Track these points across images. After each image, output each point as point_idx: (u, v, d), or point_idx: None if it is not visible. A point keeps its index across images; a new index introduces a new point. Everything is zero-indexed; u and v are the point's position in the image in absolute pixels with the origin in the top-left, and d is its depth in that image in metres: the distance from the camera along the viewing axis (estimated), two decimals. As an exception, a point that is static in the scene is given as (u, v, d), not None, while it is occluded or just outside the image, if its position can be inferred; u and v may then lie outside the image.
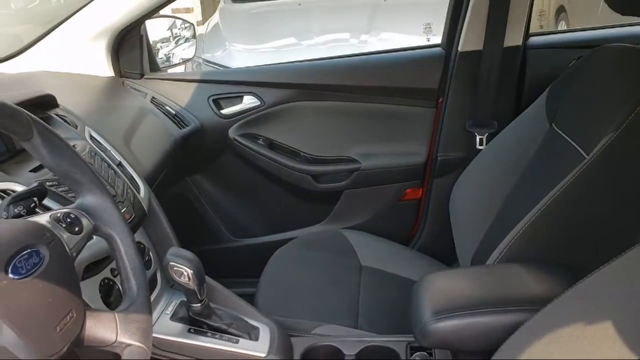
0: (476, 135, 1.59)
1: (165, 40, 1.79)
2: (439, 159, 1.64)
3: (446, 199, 1.46)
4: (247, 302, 1.18)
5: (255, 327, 1.12)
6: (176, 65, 1.88)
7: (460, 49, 1.57)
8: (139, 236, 1.11)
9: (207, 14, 6.07)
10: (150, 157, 1.29)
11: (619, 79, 1.05)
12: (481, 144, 1.58)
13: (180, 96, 1.66)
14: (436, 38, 2.70)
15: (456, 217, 1.38)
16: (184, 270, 0.94)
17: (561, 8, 5.18)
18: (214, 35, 3.43)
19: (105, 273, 0.94)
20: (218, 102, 1.68)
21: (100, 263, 0.92)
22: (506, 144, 1.32)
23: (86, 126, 1.13)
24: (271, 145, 1.71)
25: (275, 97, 1.67)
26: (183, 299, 1.08)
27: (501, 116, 1.55)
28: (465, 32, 1.55)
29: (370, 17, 3.20)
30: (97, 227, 0.76)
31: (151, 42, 1.70)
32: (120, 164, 1.12)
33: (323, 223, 1.76)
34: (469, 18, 1.53)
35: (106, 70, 1.53)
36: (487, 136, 1.58)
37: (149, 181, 1.18)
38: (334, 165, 1.70)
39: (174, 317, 1.08)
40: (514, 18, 1.51)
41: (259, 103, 1.67)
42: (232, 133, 1.67)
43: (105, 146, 1.13)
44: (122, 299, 0.78)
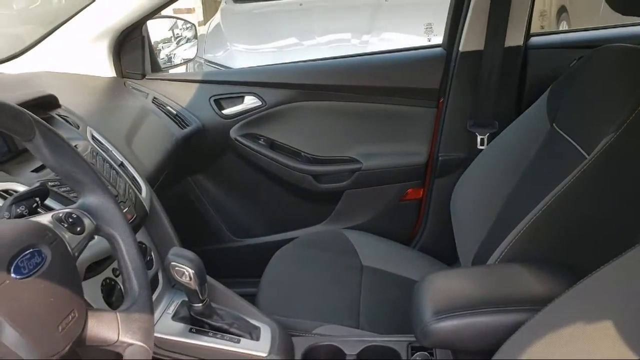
0: (477, 135, 1.59)
1: (167, 40, 1.79)
2: (440, 159, 1.64)
3: (447, 199, 1.46)
4: (248, 302, 1.18)
5: (257, 326, 1.12)
6: (178, 66, 1.88)
7: (461, 49, 1.57)
8: (140, 236, 1.11)
9: (208, 14, 6.07)
10: (151, 157, 1.29)
11: (620, 79, 1.05)
12: (482, 144, 1.58)
13: (181, 96, 1.66)
14: (437, 38, 2.70)
15: (457, 217, 1.38)
16: (185, 270, 0.95)
17: (562, 8, 5.15)
18: (215, 35, 3.43)
19: (107, 273, 0.95)
20: (219, 103, 1.69)
21: (102, 263, 0.93)
22: (507, 144, 1.32)
23: (88, 126, 1.13)
24: (272, 145, 1.71)
25: (276, 97, 1.67)
26: (184, 298, 1.09)
27: (502, 116, 1.55)
28: (466, 32, 1.55)
29: (371, 17, 3.20)
30: (99, 227, 0.76)
31: (153, 42, 1.70)
32: (121, 164, 1.12)
33: (324, 223, 1.76)
34: (470, 18, 1.53)
35: (108, 70, 1.53)
36: (488, 136, 1.58)
37: (150, 181, 1.19)
38: (335, 165, 1.70)
39: (175, 317, 1.08)
40: (515, 18, 1.51)
41: (260, 103, 1.67)
42: (233, 133, 1.67)
43: (107, 146, 1.13)
44: (123, 299, 0.79)
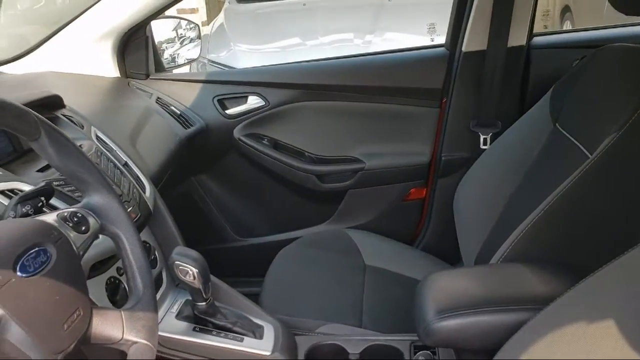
0: (480, 135, 1.59)
1: (171, 40, 1.79)
2: (443, 158, 1.64)
3: (450, 198, 1.46)
4: (251, 301, 1.18)
5: (260, 325, 1.12)
6: (181, 66, 1.88)
7: (464, 49, 1.57)
8: (144, 235, 1.11)
9: (212, 14, 6.08)
10: (155, 157, 1.30)
11: (622, 79, 1.05)
12: (485, 143, 1.58)
13: (185, 96, 1.66)
14: (440, 38, 2.69)
15: (460, 217, 1.38)
16: (189, 269, 0.95)
17: (566, 8, 5.12)
18: (218, 35, 3.43)
19: (111, 272, 0.95)
20: (223, 103, 1.69)
21: (106, 262, 0.93)
22: (510, 143, 1.32)
23: (92, 126, 1.14)
24: (276, 145, 1.71)
25: (279, 97, 1.67)
26: (188, 297, 1.09)
27: (505, 116, 1.55)
28: (469, 32, 1.55)
29: (374, 17, 3.20)
30: (103, 226, 0.77)
31: (156, 42, 1.70)
32: (126, 164, 1.12)
33: (327, 223, 1.77)
34: (472, 18, 1.53)
35: (112, 70, 1.54)
36: (491, 136, 1.58)
37: (154, 181, 1.19)
38: (338, 165, 1.71)
39: (179, 316, 1.09)
40: (518, 18, 1.51)
41: (264, 103, 1.68)
42: (237, 133, 1.68)
43: (111, 146, 1.13)
44: (128, 298, 0.79)
